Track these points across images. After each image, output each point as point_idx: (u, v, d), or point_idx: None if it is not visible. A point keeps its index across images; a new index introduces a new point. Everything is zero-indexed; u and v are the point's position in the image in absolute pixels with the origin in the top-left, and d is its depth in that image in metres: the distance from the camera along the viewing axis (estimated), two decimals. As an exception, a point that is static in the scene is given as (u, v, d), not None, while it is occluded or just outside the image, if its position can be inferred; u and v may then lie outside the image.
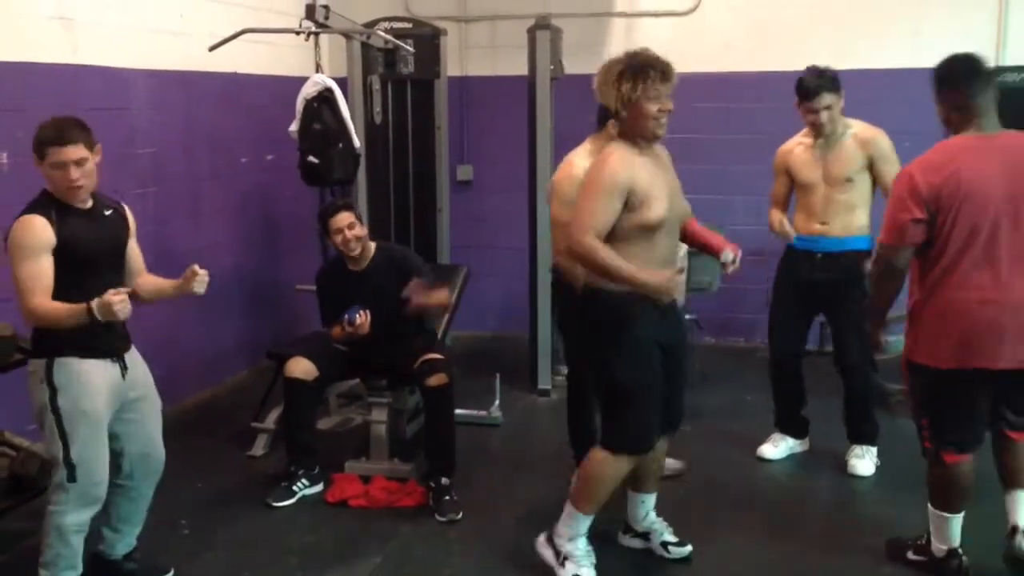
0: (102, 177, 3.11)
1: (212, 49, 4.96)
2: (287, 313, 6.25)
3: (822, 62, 5.94)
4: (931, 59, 5.79)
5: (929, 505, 3.30)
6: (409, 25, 5.59)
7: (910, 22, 5.97)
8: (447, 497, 3.92)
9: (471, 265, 5.29)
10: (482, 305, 6.33)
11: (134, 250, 3.24)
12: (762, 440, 4.53)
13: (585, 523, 3.30)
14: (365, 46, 5.25)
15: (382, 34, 5.18)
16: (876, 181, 4.15)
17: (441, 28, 5.62)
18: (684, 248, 4.01)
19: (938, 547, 3.30)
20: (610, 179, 3.00)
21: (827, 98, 4.09)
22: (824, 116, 4.12)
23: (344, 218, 4.12)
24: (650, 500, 3.54)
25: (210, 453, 4.61)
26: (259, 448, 4.60)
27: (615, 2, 6.41)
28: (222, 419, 5.11)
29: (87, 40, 4.51)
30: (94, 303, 2.89)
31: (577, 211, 3.06)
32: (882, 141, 4.15)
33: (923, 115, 5.62)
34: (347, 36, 5.19)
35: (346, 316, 4.06)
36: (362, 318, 4.03)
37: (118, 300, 2.87)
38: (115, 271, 3.14)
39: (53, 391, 2.99)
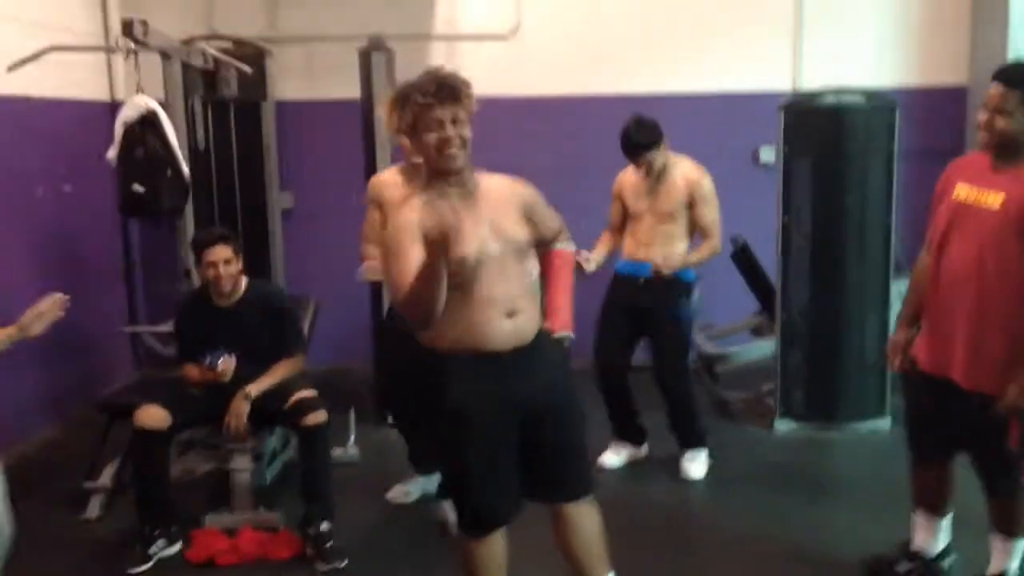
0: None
1: (12, 69, 4.47)
2: (97, 360, 5.71)
3: (642, 86, 6.25)
4: (735, 84, 6.25)
5: (1014, 539, 3.19)
6: (228, 44, 5.28)
7: (720, 48, 6.25)
8: (329, 544, 3.66)
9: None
10: (316, 337, 6.04)
11: None
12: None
13: None
14: (183, 67, 4.89)
15: (212, 51, 4.85)
16: (693, 220, 4.38)
17: (266, 48, 5.34)
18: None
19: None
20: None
21: (649, 156, 4.28)
22: (646, 169, 4.33)
23: (221, 252, 3.80)
24: None
25: (36, 521, 4.06)
26: (94, 510, 4.13)
27: (435, 24, 6.34)
28: (40, 482, 4.54)
29: None
30: None
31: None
32: (705, 183, 4.38)
33: (732, 138, 6.05)
34: (165, 55, 4.81)
35: (207, 360, 3.74)
36: (225, 364, 3.73)
37: None
38: None
39: None
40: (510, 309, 2.63)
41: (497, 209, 2.66)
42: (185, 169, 4.56)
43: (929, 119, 6.01)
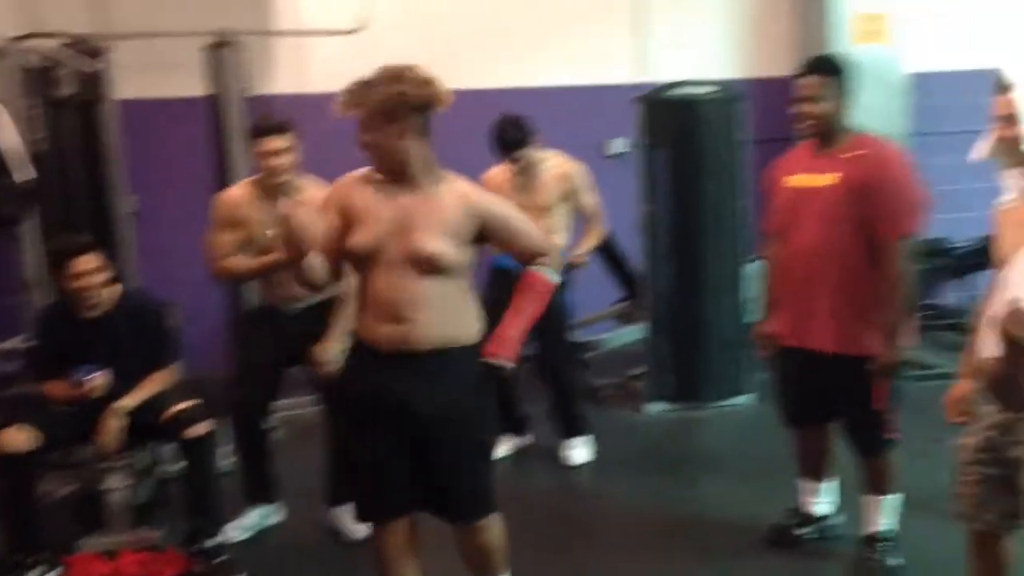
0: None
1: None
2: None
3: (490, 81, 6.28)
4: (582, 78, 6.38)
5: (885, 497, 3.40)
6: (63, 42, 4.94)
7: (566, 43, 6.36)
8: (222, 558, 3.51)
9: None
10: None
11: None
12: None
13: None
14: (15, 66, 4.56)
15: (49, 49, 4.52)
16: (577, 208, 4.50)
17: (104, 45, 5.03)
18: None
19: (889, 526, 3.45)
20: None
21: (524, 152, 4.33)
22: (520, 165, 4.37)
23: (86, 262, 3.55)
24: None
25: None
26: (-50, 542, 3.80)
27: (279, 20, 6.16)
28: None
29: None
30: None
31: None
32: (579, 173, 4.48)
33: (579, 131, 6.17)
34: (-2, 52, 4.47)
35: (74, 376, 3.50)
36: (96, 380, 3.50)
37: None
38: None
39: None
40: (394, 315, 2.60)
41: (424, 215, 2.62)
42: (26, 174, 4.26)
43: (764, 108, 6.33)
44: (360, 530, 3.78)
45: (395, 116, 2.56)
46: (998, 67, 2.56)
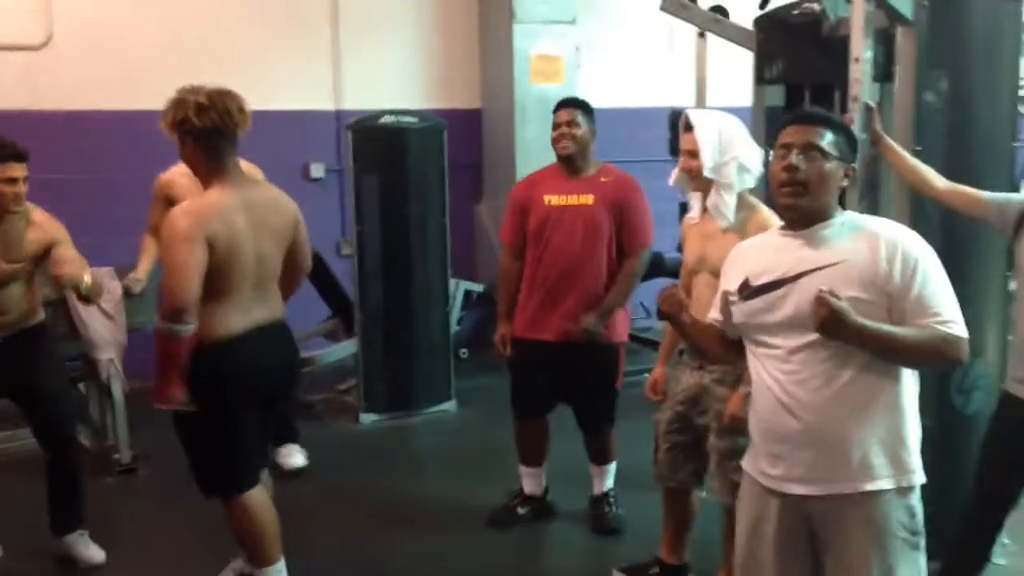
0: None
1: None
2: None
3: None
4: (281, 103, 6.52)
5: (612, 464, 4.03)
6: None
7: (260, 67, 6.45)
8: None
9: None
10: None
11: None
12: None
13: None
14: None
15: None
16: None
17: None
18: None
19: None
20: None
21: None
22: None
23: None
24: None
25: None
26: None
27: (-48, 33, 5.76)
28: None
29: None
30: None
31: None
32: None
33: (278, 155, 6.27)
34: None
35: None
36: None
37: None
38: None
39: None
40: None
41: None
42: None
43: (452, 137, 6.82)
44: (98, 555, 3.73)
45: (183, 139, 2.80)
46: (683, 108, 3.17)
